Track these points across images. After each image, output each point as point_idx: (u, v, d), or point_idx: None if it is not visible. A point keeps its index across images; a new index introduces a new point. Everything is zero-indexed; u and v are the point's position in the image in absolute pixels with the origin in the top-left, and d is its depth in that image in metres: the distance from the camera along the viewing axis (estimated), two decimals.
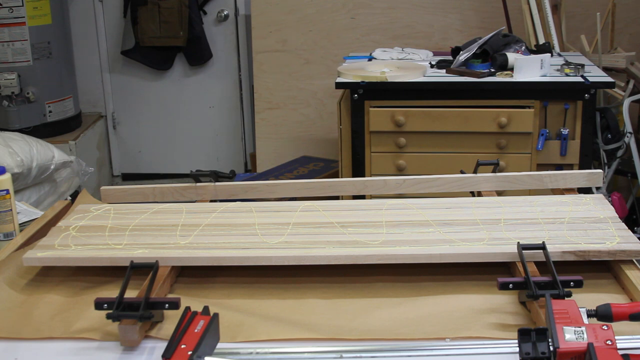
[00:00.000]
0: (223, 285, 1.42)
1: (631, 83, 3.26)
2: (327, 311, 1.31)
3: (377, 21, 3.92)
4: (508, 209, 1.57)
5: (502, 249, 1.40)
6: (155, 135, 4.76)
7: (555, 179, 1.73)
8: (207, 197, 1.76)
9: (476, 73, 2.84)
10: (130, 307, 1.21)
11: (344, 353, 1.15)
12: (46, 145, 3.39)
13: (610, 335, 1.04)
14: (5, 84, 3.89)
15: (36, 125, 3.99)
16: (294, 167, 3.78)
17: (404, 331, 1.22)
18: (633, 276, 1.32)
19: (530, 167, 2.78)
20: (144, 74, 4.62)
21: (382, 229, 1.50)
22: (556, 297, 1.19)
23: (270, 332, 1.23)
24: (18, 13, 3.86)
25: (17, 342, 1.24)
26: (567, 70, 2.85)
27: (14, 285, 1.44)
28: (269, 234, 1.50)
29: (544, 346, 1.05)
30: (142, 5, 4.34)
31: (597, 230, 1.45)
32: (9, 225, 1.80)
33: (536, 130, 2.77)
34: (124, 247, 1.46)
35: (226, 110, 4.67)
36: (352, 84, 2.82)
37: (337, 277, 1.43)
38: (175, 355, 1.06)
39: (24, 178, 3.20)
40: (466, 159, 2.55)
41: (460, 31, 3.85)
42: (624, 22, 3.70)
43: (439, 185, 1.76)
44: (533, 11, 3.32)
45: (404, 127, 2.79)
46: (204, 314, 1.17)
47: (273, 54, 4.04)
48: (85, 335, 1.24)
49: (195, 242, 1.48)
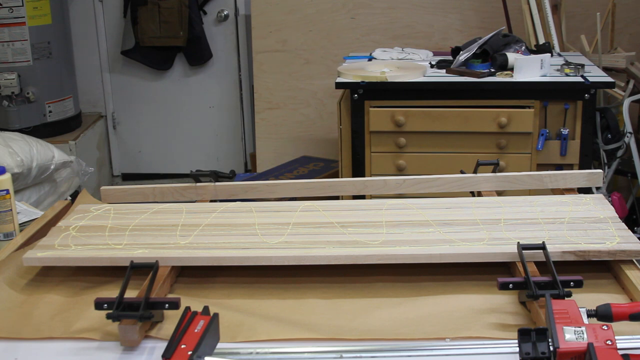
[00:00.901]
0: (223, 285, 1.42)
1: (631, 83, 3.26)
2: (327, 311, 1.31)
3: (377, 21, 3.92)
4: (508, 209, 1.57)
5: (502, 249, 1.40)
6: (155, 135, 4.76)
7: (555, 179, 1.73)
8: (207, 197, 1.76)
9: (476, 73, 2.84)
10: (130, 307, 1.21)
11: (344, 353, 1.15)
12: (46, 145, 3.39)
13: (610, 335, 1.04)
14: (5, 84, 3.89)
15: (36, 125, 3.99)
16: (294, 167, 3.78)
17: (404, 331, 1.22)
18: (633, 276, 1.32)
19: (530, 167, 2.78)
20: (144, 74, 4.62)
21: (382, 229, 1.50)
22: (556, 297, 1.19)
23: (270, 332, 1.23)
24: (18, 13, 3.86)
25: (17, 342, 1.24)
26: (567, 70, 2.85)
27: (14, 285, 1.44)
28: (269, 234, 1.50)
29: (544, 346, 1.05)
30: (142, 5, 4.34)
31: (597, 230, 1.45)
32: (9, 225, 1.80)
33: (536, 130, 2.77)
34: (124, 247, 1.46)
35: (226, 110, 4.67)
36: (352, 84, 2.82)
37: (337, 277, 1.43)
38: (175, 355, 1.06)
39: (24, 178, 3.20)
40: (466, 159, 2.55)
41: (460, 31, 3.85)
42: (624, 22, 3.70)
43: (439, 185, 1.76)
44: (533, 11, 3.32)
45: (404, 127, 2.79)
46: (204, 314, 1.17)
47: (273, 54, 4.04)
48: (85, 335, 1.24)
49: (195, 242, 1.48)
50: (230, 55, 4.56)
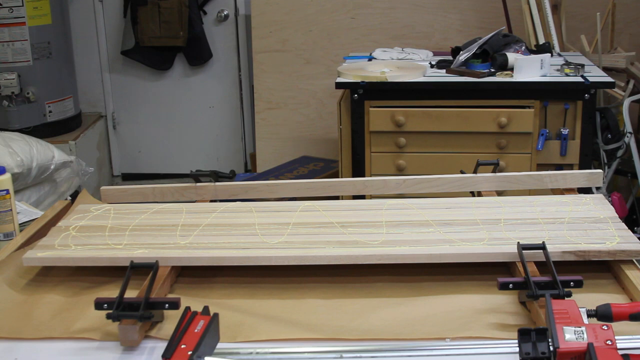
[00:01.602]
0: (223, 285, 1.42)
1: (631, 83, 3.26)
2: (327, 311, 1.31)
3: (377, 21, 3.92)
4: (508, 209, 1.57)
5: (502, 249, 1.40)
6: (155, 135, 4.76)
7: (555, 179, 1.73)
8: (207, 197, 1.76)
9: (476, 73, 2.84)
10: (130, 307, 1.21)
11: (344, 353, 1.15)
12: (46, 145, 3.39)
13: (610, 335, 1.04)
14: (5, 84, 3.88)
15: (36, 125, 3.99)
16: (294, 167, 3.78)
17: (404, 331, 1.22)
18: (633, 276, 1.32)
19: (530, 167, 2.78)
20: (144, 74, 4.62)
21: (382, 229, 1.50)
22: (556, 297, 1.19)
23: (270, 332, 1.23)
24: (18, 13, 3.86)
25: (17, 342, 1.24)
26: (567, 70, 2.85)
27: (14, 285, 1.44)
28: (269, 234, 1.50)
29: (544, 346, 1.05)
30: (142, 5, 4.33)
31: (597, 230, 1.45)
32: (9, 225, 1.80)
33: (536, 130, 2.77)
34: (124, 247, 1.46)
35: (226, 110, 4.67)
36: (352, 84, 2.82)
37: (337, 277, 1.43)
38: (175, 355, 1.06)
39: (24, 178, 3.20)
40: (466, 159, 2.55)
41: (460, 31, 3.85)
42: (624, 22, 3.70)
43: (439, 185, 1.76)
44: (533, 11, 3.32)
45: (404, 127, 2.79)
46: (204, 314, 1.17)
47: (273, 54, 4.04)
48: (85, 335, 1.24)
49: (195, 242, 1.48)
50: (230, 55, 4.56)
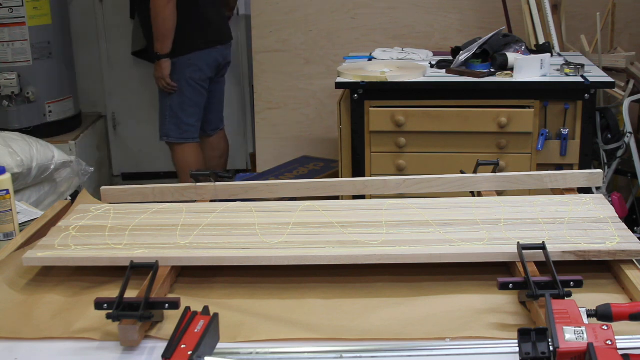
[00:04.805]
0: (223, 285, 1.42)
1: (631, 83, 3.26)
2: (327, 311, 1.31)
3: (377, 21, 3.92)
4: (508, 209, 1.57)
5: (502, 249, 1.40)
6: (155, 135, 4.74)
7: (555, 179, 1.73)
8: (207, 197, 1.76)
9: (476, 73, 2.84)
10: (130, 307, 1.21)
11: (344, 353, 1.15)
12: (46, 145, 3.38)
13: (610, 335, 1.04)
14: (5, 84, 3.88)
15: (36, 125, 3.99)
16: (294, 167, 3.78)
17: (404, 331, 1.22)
18: (633, 276, 1.32)
19: (530, 167, 2.78)
20: (144, 73, 4.62)
21: (382, 229, 1.50)
22: (556, 297, 1.19)
23: (270, 332, 1.23)
24: (18, 13, 3.86)
25: (17, 342, 1.24)
26: (567, 70, 2.85)
27: (14, 285, 1.44)
28: (269, 234, 1.50)
29: (544, 346, 1.05)
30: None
31: (597, 230, 1.45)
32: (9, 225, 1.80)
33: (536, 130, 2.77)
34: (124, 247, 1.46)
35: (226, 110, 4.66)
36: (352, 84, 2.82)
37: (337, 277, 1.43)
38: (175, 355, 1.06)
39: (24, 178, 3.20)
40: (466, 159, 2.55)
41: (460, 31, 3.85)
42: (624, 22, 3.70)
43: (439, 185, 1.76)
44: (533, 11, 3.32)
45: (404, 127, 2.79)
46: (204, 314, 1.17)
47: (273, 54, 4.03)
48: (85, 335, 1.24)
49: (195, 242, 1.48)
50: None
